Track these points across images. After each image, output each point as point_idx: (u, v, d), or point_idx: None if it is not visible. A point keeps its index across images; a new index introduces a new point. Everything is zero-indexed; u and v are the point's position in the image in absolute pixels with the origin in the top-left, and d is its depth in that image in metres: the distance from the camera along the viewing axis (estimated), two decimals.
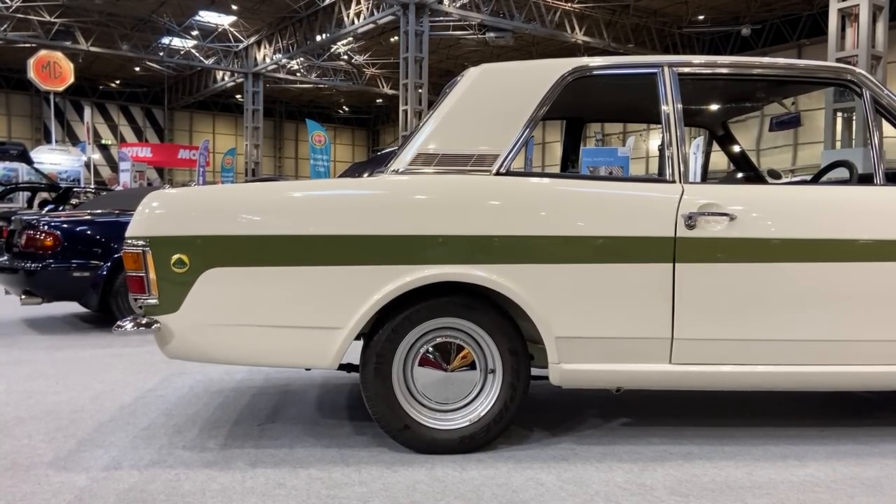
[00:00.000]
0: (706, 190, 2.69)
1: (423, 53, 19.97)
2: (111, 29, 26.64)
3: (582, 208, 2.64)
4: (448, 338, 2.69)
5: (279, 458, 2.65)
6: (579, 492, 2.34)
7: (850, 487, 2.40)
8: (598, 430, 3.00)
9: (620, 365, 2.67)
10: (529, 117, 2.74)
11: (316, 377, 3.94)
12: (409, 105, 19.70)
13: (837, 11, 12.77)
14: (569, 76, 2.78)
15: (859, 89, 2.85)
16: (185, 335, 2.60)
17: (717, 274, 2.63)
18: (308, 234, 2.56)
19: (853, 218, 2.68)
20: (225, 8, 25.27)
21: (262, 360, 2.65)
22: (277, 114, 41.15)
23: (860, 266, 2.66)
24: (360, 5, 22.43)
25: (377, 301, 2.56)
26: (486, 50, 27.50)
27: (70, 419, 3.14)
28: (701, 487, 2.39)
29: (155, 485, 2.38)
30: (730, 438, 2.90)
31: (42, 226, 5.45)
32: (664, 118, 2.78)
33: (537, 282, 2.59)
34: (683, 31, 25.94)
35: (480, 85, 2.80)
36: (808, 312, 2.66)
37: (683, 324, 2.64)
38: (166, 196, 2.66)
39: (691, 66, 2.85)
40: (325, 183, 2.79)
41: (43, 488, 2.34)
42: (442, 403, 2.70)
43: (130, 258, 2.59)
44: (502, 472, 2.51)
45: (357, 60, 30.71)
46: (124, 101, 38.05)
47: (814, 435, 2.95)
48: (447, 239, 2.57)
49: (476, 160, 2.70)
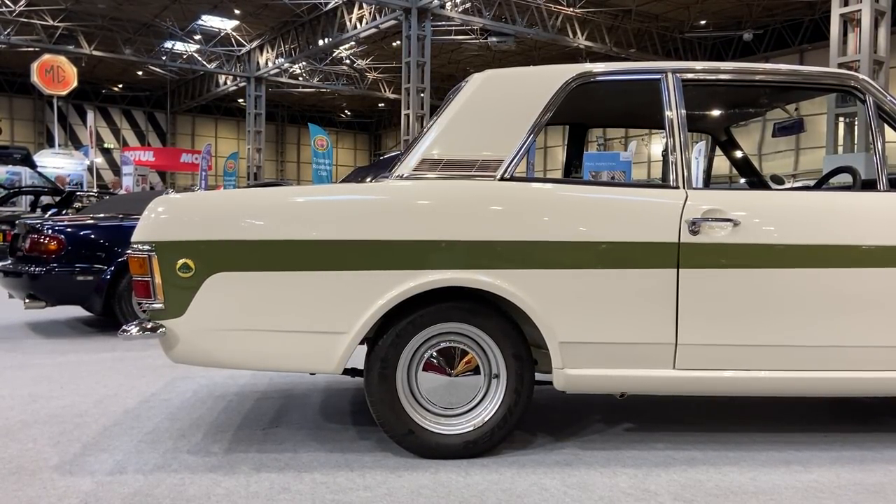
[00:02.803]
0: (709, 195, 2.70)
1: (426, 58, 19.99)
2: (114, 33, 26.71)
3: (586, 213, 2.64)
4: (452, 343, 2.70)
5: (283, 462, 2.65)
6: (583, 497, 2.34)
7: (853, 493, 2.40)
8: (602, 436, 3.00)
9: (624, 370, 2.67)
10: (533, 123, 2.75)
11: (320, 382, 3.95)
12: (412, 109, 19.72)
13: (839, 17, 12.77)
14: (573, 82, 2.79)
15: (862, 95, 2.86)
16: (190, 340, 2.60)
17: (721, 279, 2.63)
18: (312, 240, 2.57)
19: (856, 224, 2.69)
20: (227, 12, 25.31)
21: (267, 364, 2.66)
22: (280, 118, 41.20)
23: (863, 272, 2.66)
24: (362, 10, 22.47)
25: (381, 306, 2.56)
26: (488, 54, 27.52)
27: (74, 423, 3.15)
28: (705, 493, 2.39)
29: (160, 489, 2.38)
30: (733, 444, 2.90)
31: (46, 230, 5.46)
32: (667, 124, 2.79)
33: (541, 287, 2.60)
34: (685, 36, 25.96)
35: (484, 91, 2.81)
36: (812, 318, 2.66)
37: (687, 329, 2.64)
38: (172, 201, 2.67)
39: (694, 72, 2.85)
40: (329, 188, 2.79)
41: (48, 492, 2.35)
42: (446, 408, 2.71)
43: (136, 263, 2.60)
44: (506, 477, 2.51)
45: (359, 65, 30.76)
46: (127, 104, 38.11)
47: (818, 440, 2.95)
48: (451, 244, 2.58)
49: (480, 165, 2.70)
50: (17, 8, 23.61)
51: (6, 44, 25.53)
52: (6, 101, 34.57)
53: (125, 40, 27.47)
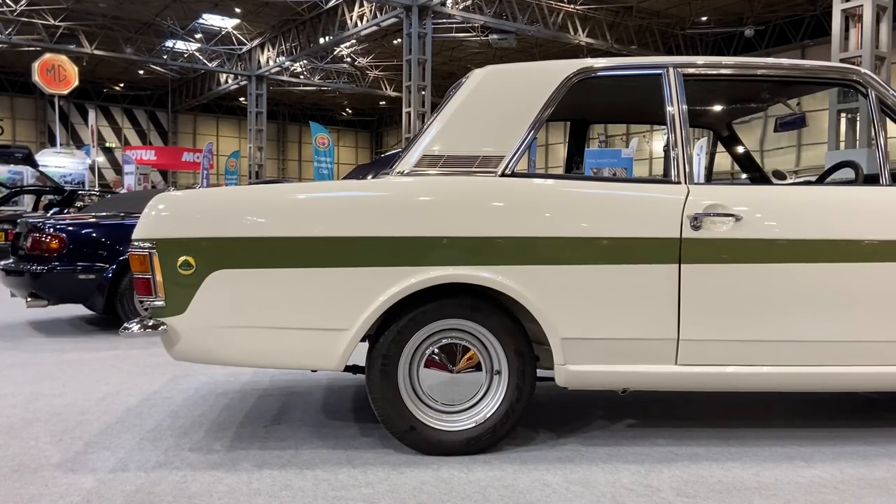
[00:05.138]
0: (711, 191, 2.69)
1: (427, 55, 19.98)
2: (115, 32, 26.72)
3: (587, 209, 2.64)
4: (454, 339, 2.69)
5: (285, 459, 2.65)
6: (586, 493, 2.34)
7: (857, 489, 2.39)
8: (604, 432, 2.99)
9: (626, 366, 2.67)
10: (534, 119, 2.75)
11: (321, 379, 3.95)
12: (413, 107, 19.71)
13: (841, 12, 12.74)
14: (574, 77, 2.78)
15: (865, 90, 2.85)
16: (191, 337, 2.60)
17: (723, 275, 2.63)
18: (314, 237, 2.57)
19: (859, 218, 2.68)
20: (228, 11, 25.32)
21: (268, 361, 2.66)
22: (281, 116, 41.21)
23: (866, 266, 2.66)
24: (363, 8, 22.46)
25: (383, 303, 2.56)
26: (489, 52, 27.52)
27: (76, 421, 3.15)
28: (708, 488, 2.38)
29: (162, 486, 2.38)
30: (736, 439, 2.89)
31: (47, 228, 5.46)
32: (669, 119, 2.78)
33: (543, 283, 2.59)
34: (687, 32, 25.91)
35: (485, 86, 2.80)
36: (814, 313, 2.65)
37: (689, 325, 2.63)
38: (172, 198, 2.67)
39: (696, 66, 2.85)
40: (330, 185, 2.79)
41: (50, 490, 2.35)
42: (448, 405, 2.70)
43: (137, 260, 2.60)
44: (508, 473, 2.51)
45: (360, 63, 30.75)
46: (128, 104, 38.13)
47: (821, 436, 2.94)
48: (452, 240, 2.58)
49: (481, 161, 2.70)
50: (19, 7, 23.63)
51: (7, 43, 25.55)
52: (8, 101, 34.60)
53: (126, 39, 27.48)
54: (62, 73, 20.95)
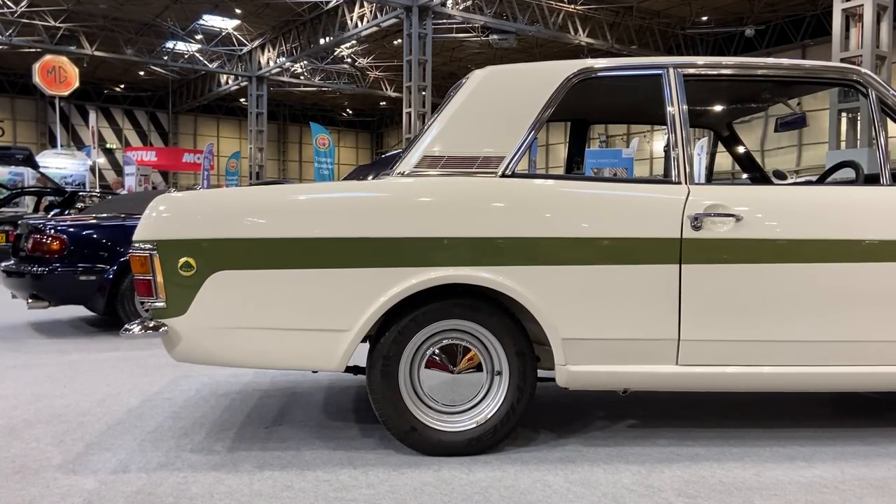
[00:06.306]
0: (712, 191, 2.69)
1: (427, 56, 19.98)
2: (115, 33, 26.72)
3: (587, 210, 2.64)
4: (454, 340, 2.69)
5: (286, 460, 2.65)
6: (587, 493, 2.34)
7: (858, 489, 2.39)
8: (605, 432, 2.99)
9: (627, 366, 2.67)
10: (535, 119, 2.75)
11: (322, 380, 3.95)
12: (413, 107, 19.71)
13: (841, 12, 12.74)
14: (574, 78, 2.78)
15: (865, 89, 2.85)
16: (192, 338, 2.61)
17: (724, 275, 2.63)
18: (314, 237, 2.57)
19: (859, 218, 2.68)
20: (229, 12, 25.32)
21: (269, 362, 2.66)
22: (281, 117, 41.21)
23: (866, 266, 2.66)
24: (363, 8, 22.46)
25: (383, 303, 2.56)
26: (490, 52, 27.51)
27: (78, 422, 3.15)
28: (709, 489, 2.38)
29: (163, 487, 2.38)
30: (737, 439, 2.89)
31: (48, 230, 5.46)
32: (669, 119, 2.78)
33: (543, 283, 2.59)
34: (687, 32, 25.90)
35: (485, 87, 2.80)
36: (815, 313, 2.65)
37: (690, 325, 2.63)
38: (173, 199, 2.67)
39: (696, 67, 2.85)
40: (330, 186, 2.79)
41: (51, 491, 2.35)
42: (449, 405, 2.70)
43: (138, 261, 2.60)
44: (509, 473, 2.51)
45: (361, 63, 30.75)
46: (129, 105, 38.14)
47: (822, 436, 2.94)
48: (453, 241, 2.58)
49: (481, 162, 2.70)
50: (19, 9, 23.63)
51: (8, 45, 25.56)
52: (8, 102, 34.61)
53: (126, 40, 27.48)
54: (63, 74, 20.94)
